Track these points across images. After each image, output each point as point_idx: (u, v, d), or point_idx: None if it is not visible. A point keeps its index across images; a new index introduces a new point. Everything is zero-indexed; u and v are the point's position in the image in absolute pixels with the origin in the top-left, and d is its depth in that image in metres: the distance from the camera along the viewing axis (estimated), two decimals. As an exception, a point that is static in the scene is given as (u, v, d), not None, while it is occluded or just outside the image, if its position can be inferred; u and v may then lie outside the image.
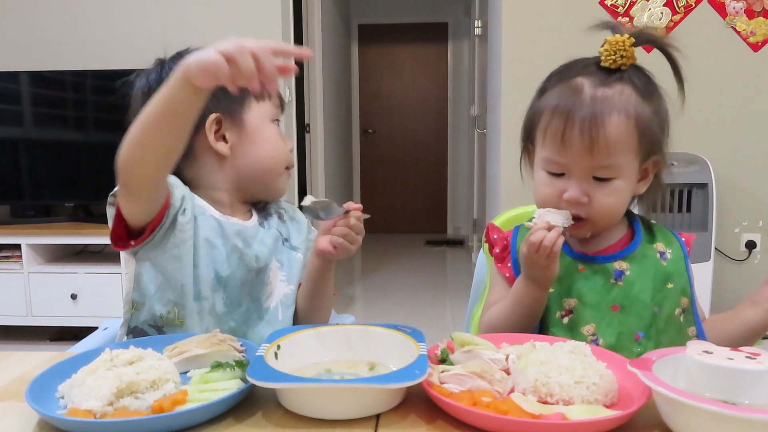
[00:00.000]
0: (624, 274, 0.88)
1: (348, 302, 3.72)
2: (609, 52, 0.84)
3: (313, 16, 4.14)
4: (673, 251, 0.91)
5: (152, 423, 0.61)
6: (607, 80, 0.84)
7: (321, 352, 0.77)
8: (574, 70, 0.87)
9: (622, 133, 0.82)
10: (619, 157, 0.83)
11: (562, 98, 0.84)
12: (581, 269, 0.90)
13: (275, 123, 1.04)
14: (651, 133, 0.85)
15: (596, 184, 0.85)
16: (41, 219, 3.05)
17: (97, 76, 2.92)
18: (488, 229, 1.01)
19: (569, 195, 0.85)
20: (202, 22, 3.08)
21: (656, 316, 0.87)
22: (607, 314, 0.87)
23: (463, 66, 5.81)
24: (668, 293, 0.88)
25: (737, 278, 2.92)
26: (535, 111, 0.89)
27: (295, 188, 3.50)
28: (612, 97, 0.83)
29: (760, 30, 2.84)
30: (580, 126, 0.81)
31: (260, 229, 1.03)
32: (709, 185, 2.63)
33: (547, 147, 0.86)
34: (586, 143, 0.81)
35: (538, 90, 0.91)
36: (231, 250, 0.97)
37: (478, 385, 0.66)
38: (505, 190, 3.00)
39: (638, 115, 0.83)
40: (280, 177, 1.05)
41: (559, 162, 0.85)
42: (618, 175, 0.84)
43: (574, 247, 0.92)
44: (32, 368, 0.80)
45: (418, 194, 6.20)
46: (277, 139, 1.04)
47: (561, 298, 0.89)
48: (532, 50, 2.90)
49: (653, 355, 0.64)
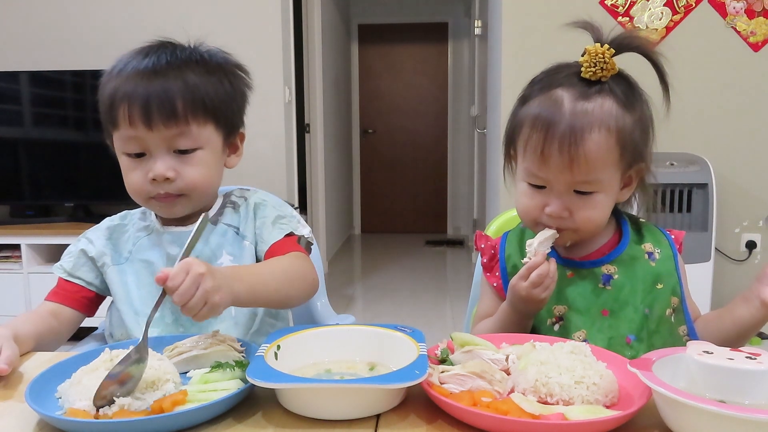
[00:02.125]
0: (612, 278, 0.88)
1: (348, 302, 3.72)
2: (589, 63, 0.82)
3: (313, 16, 4.14)
4: (662, 251, 0.91)
5: (152, 423, 0.61)
6: (587, 93, 0.82)
7: (321, 352, 0.77)
8: (556, 80, 0.85)
9: (602, 149, 0.81)
10: (600, 172, 0.82)
11: (542, 111, 0.83)
12: (569, 275, 0.90)
13: (127, 156, 0.93)
14: (633, 144, 0.84)
15: (577, 197, 0.84)
16: (41, 219, 3.05)
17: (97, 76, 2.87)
18: (477, 237, 1.00)
19: (550, 210, 0.84)
20: (203, 22, 3.08)
21: (647, 318, 0.86)
22: (597, 319, 0.87)
23: (463, 66, 5.81)
24: (658, 294, 0.88)
25: (737, 278, 2.92)
26: (516, 121, 0.88)
27: (295, 188, 3.50)
28: (592, 111, 0.81)
29: (760, 30, 2.84)
30: (560, 142, 0.80)
31: (206, 228, 0.98)
32: (709, 185, 2.63)
33: (528, 160, 0.85)
34: (565, 160, 0.80)
35: (520, 97, 0.89)
36: (167, 260, 0.97)
37: (478, 385, 0.66)
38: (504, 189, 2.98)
39: (619, 129, 0.82)
40: (147, 206, 0.98)
41: (540, 176, 0.84)
42: (599, 189, 0.83)
43: (562, 253, 0.91)
44: (32, 368, 0.80)
45: (418, 194, 6.20)
46: (126, 173, 0.95)
47: (551, 305, 0.88)
48: (532, 50, 2.90)
49: (653, 355, 0.64)
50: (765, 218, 2.88)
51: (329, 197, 4.64)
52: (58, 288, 1.01)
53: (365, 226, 6.28)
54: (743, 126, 2.89)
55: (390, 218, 6.23)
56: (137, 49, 0.95)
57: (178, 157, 0.92)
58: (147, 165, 0.92)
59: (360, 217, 6.28)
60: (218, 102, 0.94)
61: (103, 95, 0.93)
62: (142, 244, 1.00)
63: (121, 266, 1.00)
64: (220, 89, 0.95)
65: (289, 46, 3.30)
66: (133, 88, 0.89)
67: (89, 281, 1.01)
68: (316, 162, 4.32)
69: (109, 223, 1.05)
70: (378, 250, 5.38)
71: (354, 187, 6.21)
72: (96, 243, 1.02)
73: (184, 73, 0.92)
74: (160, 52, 0.93)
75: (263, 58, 3.09)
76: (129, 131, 0.90)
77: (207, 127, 0.94)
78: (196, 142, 0.92)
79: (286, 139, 3.18)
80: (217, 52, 0.99)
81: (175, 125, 0.90)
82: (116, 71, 0.93)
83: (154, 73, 0.90)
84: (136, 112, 0.88)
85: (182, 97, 0.90)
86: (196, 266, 0.71)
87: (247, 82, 1.01)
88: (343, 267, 4.74)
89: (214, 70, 0.95)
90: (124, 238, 1.02)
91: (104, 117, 0.94)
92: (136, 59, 0.92)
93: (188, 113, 0.91)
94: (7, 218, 3.12)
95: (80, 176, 3.02)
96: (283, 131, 3.12)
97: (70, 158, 3.01)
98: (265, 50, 3.10)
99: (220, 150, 0.98)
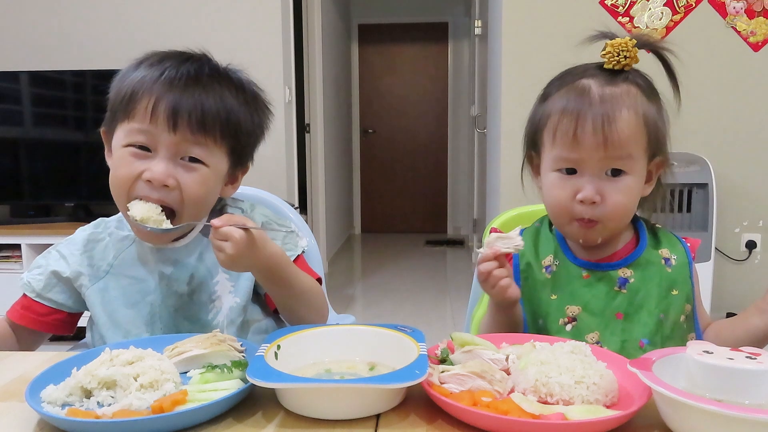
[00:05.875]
0: (628, 281, 0.88)
1: (348, 302, 3.72)
2: (612, 53, 0.84)
3: (313, 16, 4.14)
4: (678, 257, 0.90)
5: (152, 423, 0.61)
6: (612, 80, 0.84)
7: (321, 352, 0.77)
8: (576, 74, 0.86)
9: (633, 129, 0.82)
10: (632, 149, 0.83)
11: (570, 100, 0.84)
12: (585, 276, 0.89)
13: (130, 147, 0.88)
14: (657, 132, 0.85)
15: (609, 181, 0.83)
16: (41, 219, 3.05)
17: (97, 76, 2.92)
18: (491, 232, 0.99)
19: (583, 195, 0.83)
20: (203, 22, 3.08)
21: (662, 323, 0.86)
22: (611, 322, 0.87)
23: (463, 66, 5.81)
24: (673, 300, 0.88)
25: (737, 278, 2.92)
26: (540, 116, 0.88)
27: (296, 188, 3.50)
28: (620, 94, 0.83)
29: (760, 30, 2.84)
30: (593, 124, 0.81)
31: (199, 244, 0.97)
32: (709, 185, 2.63)
33: (557, 146, 0.85)
34: (599, 139, 0.81)
35: (540, 96, 0.90)
36: (160, 279, 0.94)
37: (478, 385, 0.66)
38: (505, 190, 3.00)
39: (645, 114, 0.83)
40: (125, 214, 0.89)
41: (572, 158, 0.84)
42: (630, 169, 0.83)
43: (578, 255, 0.91)
44: (32, 368, 0.79)
45: (418, 194, 6.20)
46: (118, 165, 0.89)
47: (564, 305, 0.88)
48: (532, 50, 2.90)
49: (653, 355, 0.64)
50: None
51: (329, 197, 4.64)
52: (24, 308, 0.96)
53: (365, 226, 6.28)
54: (743, 126, 2.89)
55: (390, 218, 6.23)
56: (173, 52, 0.93)
57: (181, 165, 0.88)
58: (146, 164, 0.87)
59: (360, 217, 6.28)
60: (243, 132, 0.93)
61: (123, 85, 0.89)
62: (126, 258, 0.96)
63: (102, 281, 0.95)
64: (248, 121, 0.94)
65: (289, 46, 3.30)
66: (166, 89, 0.87)
67: (61, 303, 0.96)
68: (316, 162, 4.32)
69: (82, 234, 0.99)
70: (378, 250, 5.38)
71: (354, 187, 6.21)
72: (70, 260, 0.96)
73: (223, 92, 0.90)
74: (203, 62, 0.92)
75: (263, 57, 3.09)
76: (143, 125, 0.86)
77: (221, 150, 0.91)
78: (207, 157, 0.89)
79: (286, 139, 3.18)
80: (250, 81, 0.97)
81: (201, 135, 0.88)
82: (145, 65, 0.90)
83: (195, 80, 0.89)
84: (162, 110, 0.85)
85: (217, 113, 0.89)
86: (239, 236, 0.79)
87: (268, 122, 0.99)
88: (343, 267, 4.74)
89: (248, 101, 0.95)
90: (100, 247, 0.97)
91: (116, 107, 0.90)
92: (172, 61, 0.90)
93: (216, 130, 0.89)
94: (7, 218, 3.12)
95: (80, 176, 3.02)
96: (283, 131, 3.13)
97: (70, 158, 3.01)
98: (265, 50, 3.10)
99: (223, 176, 0.95)
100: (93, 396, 0.67)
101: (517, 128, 0.95)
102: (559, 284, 0.90)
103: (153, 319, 0.94)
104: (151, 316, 0.94)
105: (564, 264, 0.91)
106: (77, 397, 0.68)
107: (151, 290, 0.94)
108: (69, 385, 0.68)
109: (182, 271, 0.95)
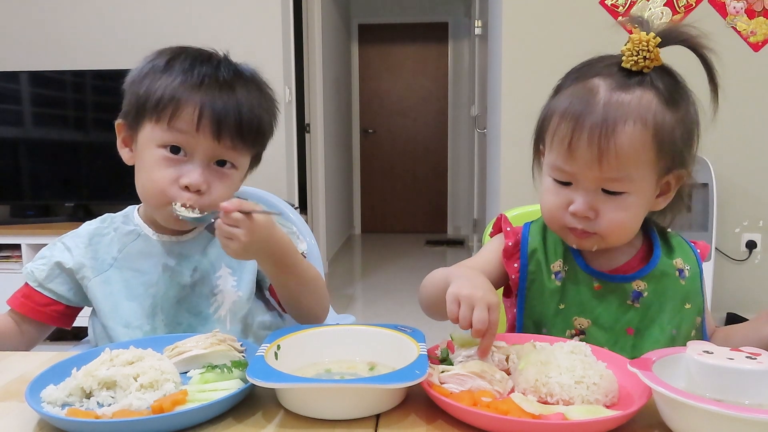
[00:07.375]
0: (642, 295, 0.83)
1: (348, 302, 3.72)
2: (631, 52, 0.76)
3: (313, 16, 4.14)
4: (691, 267, 0.87)
5: (152, 423, 0.61)
6: (626, 84, 0.76)
7: (321, 352, 0.77)
8: (594, 70, 0.79)
9: (635, 144, 0.74)
10: (632, 170, 0.76)
11: (573, 101, 0.77)
12: (597, 287, 0.85)
13: (164, 149, 0.88)
14: (672, 145, 0.77)
15: (605, 197, 0.78)
16: (41, 219, 3.05)
17: (97, 76, 2.92)
18: (501, 219, 0.94)
19: (574, 208, 0.78)
20: (203, 22, 3.08)
21: (674, 339, 0.83)
22: (621, 337, 0.83)
23: (463, 66, 5.81)
24: (686, 314, 0.85)
25: (737, 278, 2.92)
26: (546, 112, 0.83)
27: (296, 188, 3.50)
28: (629, 103, 0.75)
29: (760, 30, 2.84)
30: (589, 134, 0.74)
31: (205, 239, 0.98)
32: (709, 185, 2.63)
33: (554, 153, 0.80)
34: (594, 153, 0.74)
35: (555, 88, 0.84)
36: (163, 271, 0.95)
37: (478, 385, 0.66)
38: (505, 189, 3.00)
39: (658, 125, 0.75)
40: (159, 210, 0.90)
41: (566, 170, 0.78)
42: (630, 189, 0.77)
43: (590, 263, 0.86)
44: (32, 368, 0.79)
45: (418, 194, 6.20)
46: (152, 166, 0.89)
47: (572, 316, 0.85)
48: (532, 50, 2.90)
49: (653, 355, 0.64)
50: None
51: (329, 197, 4.64)
52: (25, 297, 0.96)
53: (365, 226, 6.28)
54: (743, 126, 2.89)
55: (390, 218, 6.23)
56: (196, 50, 0.92)
57: (214, 170, 0.90)
58: (181, 169, 0.88)
59: (360, 217, 6.28)
60: (266, 135, 0.96)
61: (155, 85, 0.88)
62: (131, 251, 0.96)
63: (105, 274, 0.95)
64: (269, 124, 0.96)
65: (289, 46, 3.30)
66: (209, 96, 0.87)
67: (60, 294, 0.96)
68: (316, 162, 4.32)
69: (88, 228, 1.00)
70: (378, 250, 5.38)
71: (354, 187, 6.21)
72: (74, 251, 0.96)
73: (252, 98, 0.92)
74: (231, 65, 0.93)
75: (263, 57, 3.08)
76: (186, 131, 0.86)
77: (250, 154, 0.95)
78: (239, 161, 0.92)
79: (286, 139, 3.18)
80: (266, 82, 0.98)
81: (240, 142, 0.90)
82: (178, 68, 0.89)
83: (230, 87, 0.89)
84: (208, 118, 0.86)
85: (251, 121, 0.90)
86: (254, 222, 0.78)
87: (277, 122, 1.00)
88: (343, 267, 4.74)
89: (268, 103, 0.96)
90: (105, 241, 0.98)
91: (145, 105, 0.88)
92: (206, 66, 0.89)
93: (251, 137, 0.91)
94: (7, 218, 3.12)
95: (80, 176, 3.02)
96: (283, 131, 3.13)
97: (70, 158, 3.01)
98: (265, 50, 3.10)
99: (241, 179, 0.96)
100: (93, 396, 0.67)
101: (517, 128, 0.95)
102: (568, 293, 0.86)
103: (155, 310, 0.95)
104: (152, 308, 0.95)
105: (574, 271, 0.86)
106: (77, 397, 0.68)
107: (153, 282, 0.95)
108: (69, 386, 0.68)
109: (186, 263, 0.96)
